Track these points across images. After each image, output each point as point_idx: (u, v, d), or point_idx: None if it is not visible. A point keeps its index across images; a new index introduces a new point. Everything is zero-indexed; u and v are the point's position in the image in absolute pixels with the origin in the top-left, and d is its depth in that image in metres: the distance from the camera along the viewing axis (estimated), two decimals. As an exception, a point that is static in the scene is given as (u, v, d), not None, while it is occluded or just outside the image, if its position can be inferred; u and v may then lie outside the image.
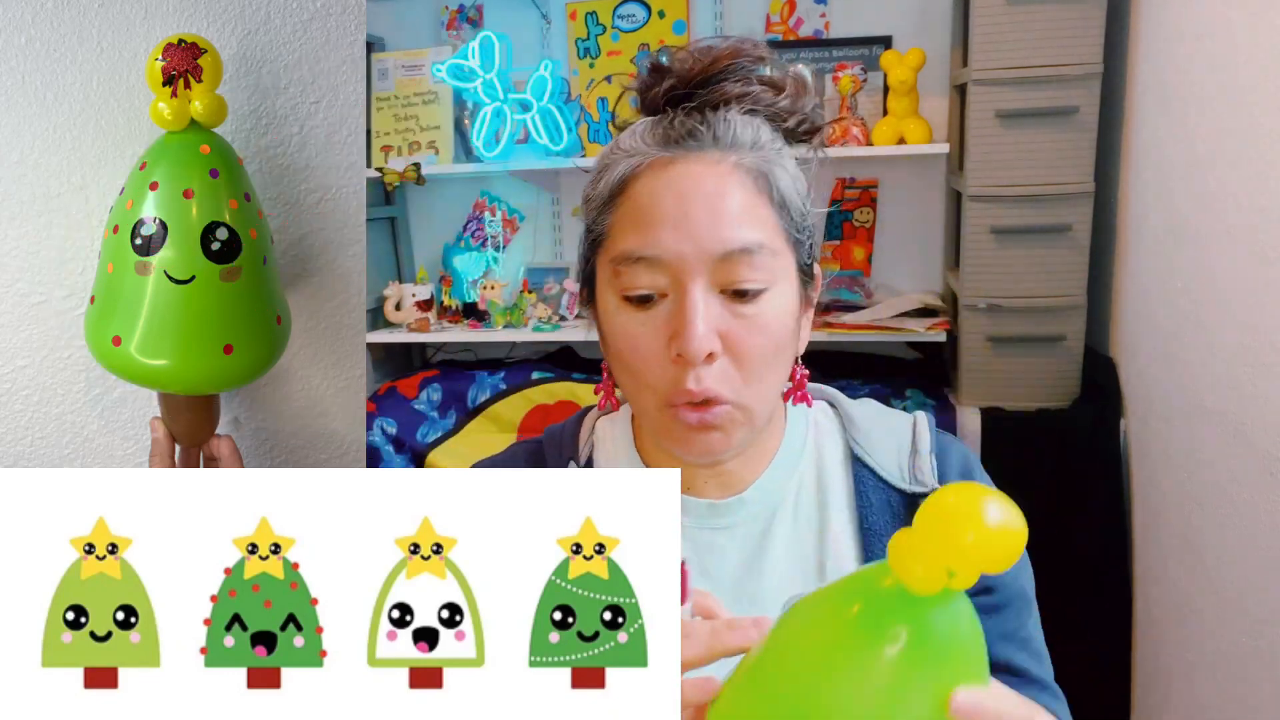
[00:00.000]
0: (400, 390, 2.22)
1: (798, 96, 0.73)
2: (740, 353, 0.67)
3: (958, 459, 0.78)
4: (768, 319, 0.68)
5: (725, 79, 0.71)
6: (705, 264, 0.66)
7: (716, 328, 0.66)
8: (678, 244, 0.66)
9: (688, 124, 0.69)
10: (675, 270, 0.66)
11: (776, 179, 0.69)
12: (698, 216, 0.66)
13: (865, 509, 0.75)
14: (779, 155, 0.71)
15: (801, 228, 0.71)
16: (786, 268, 0.69)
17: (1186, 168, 1.48)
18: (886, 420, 0.80)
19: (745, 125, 0.70)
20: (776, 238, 0.68)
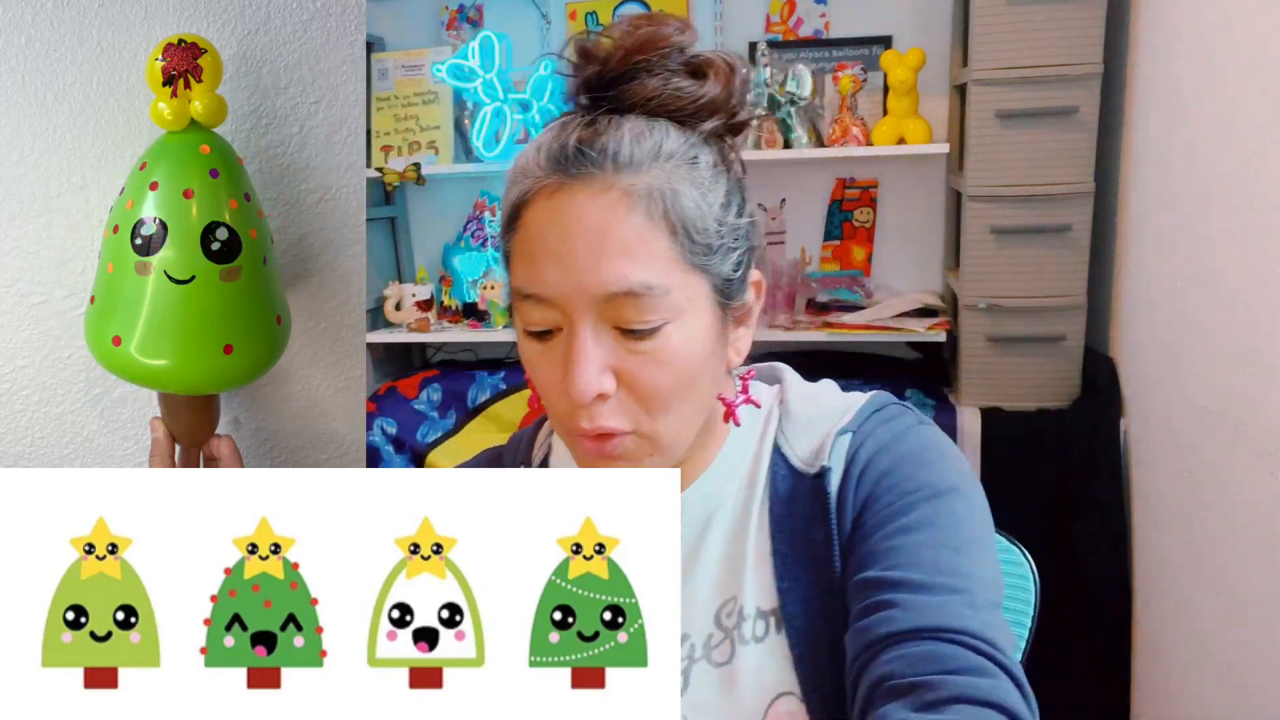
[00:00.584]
0: (400, 390, 2.22)
1: (725, 85, 0.66)
2: (639, 388, 0.63)
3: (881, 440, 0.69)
4: (668, 354, 0.63)
5: (639, 73, 0.65)
6: (591, 304, 0.61)
7: (610, 364, 0.62)
8: (561, 284, 0.61)
9: (579, 142, 0.63)
10: (563, 308, 0.62)
11: (676, 202, 0.62)
12: (580, 255, 0.61)
13: (774, 498, 0.70)
14: (688, 167, 0.64)
15: (714, 248, 0.64)
16: (693, 297, 0.63)
17: (1186, 168, 1.48)
18: (828, 402, 0.74)
19: (643, 138, 0.63)
20: (672, 272, 0.62)
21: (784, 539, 0.69)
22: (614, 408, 0.63)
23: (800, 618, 0.67)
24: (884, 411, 0.72)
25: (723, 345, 0.67)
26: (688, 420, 0.66)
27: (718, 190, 0.65)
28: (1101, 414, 1.79)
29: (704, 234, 0.63)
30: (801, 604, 0.67)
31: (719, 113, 0.66)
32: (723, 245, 0.65)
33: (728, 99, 0.66)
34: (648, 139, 0.63)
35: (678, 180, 0.63)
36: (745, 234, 0.67)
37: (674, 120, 0.65)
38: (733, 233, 0.66)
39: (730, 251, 0.66)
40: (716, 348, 0.66)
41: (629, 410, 0.64)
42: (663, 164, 0.63)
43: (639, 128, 0.63)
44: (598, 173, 0.62)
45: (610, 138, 0.63)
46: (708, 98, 0.65)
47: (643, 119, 0.64)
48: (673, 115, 0.65)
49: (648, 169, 0.62)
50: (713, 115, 0.66)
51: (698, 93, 0.65)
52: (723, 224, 0.65)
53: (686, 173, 0.63)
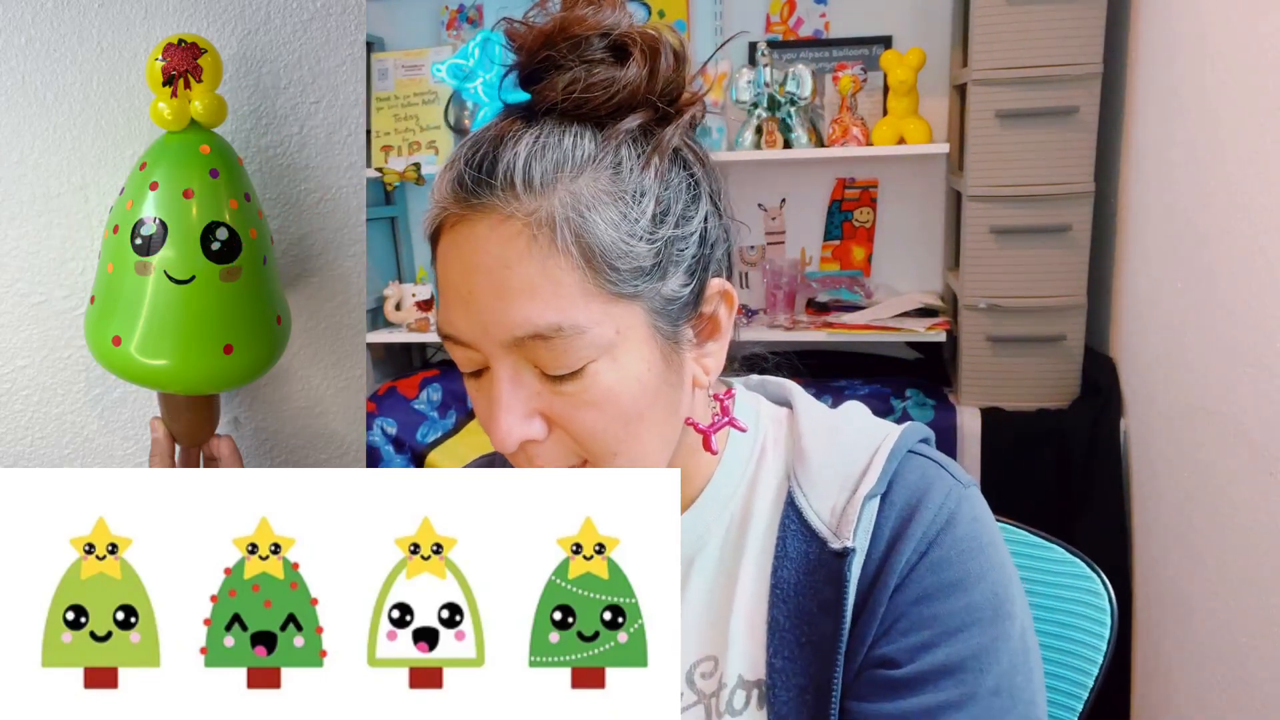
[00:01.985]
0: (400, 390, 2.22)
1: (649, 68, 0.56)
2: (574, 430, 0.57)
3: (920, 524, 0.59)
4: (598, 394, 0.55)
5: (549, 69, 0.56)
6: (502, 347, 0.55)
7: (537, 408, 0.56)
8: (470, 328, 0.56)
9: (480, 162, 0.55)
10: (479, 350, 0.57)
11: (588, 228, 0.54)
12: (481, 297, 0.54)
13: (780, 560, 0.61)
14: (610, 178, 0.55)
15: (646, 269, 0.55)
16: (623, 329, 0.55)
17: (1186, 168, 1.48)
18: (847, 439, 0.64)
19: (547, 152, 0.54)
20: (589, 307, 0.54)
21: (785, 610, 0.61)
22: (552, 449, 0.58)
23: (787, 705, 0.60)
24: (916, 467, 0.63)
25: (677, 371, 0.59)
26: (645, 456, 0.59)
27: (647, 200, 0.55)
28: (1101, 414, 1.79)
29: (629, 257, 0.55)
30: (793, 691, 0.60)
31: (643, 105, 0.56)
32: (660, 262, 0.56)
33: (652, 85, 0.56)
34: (553, 151, 0.54)
35: (592, 198, 0.54)
36: (697, 240, 0.58)
37: (591, 120, 0.56)
38: (675, 244, 0.57)
39: (674, 266, 0.57)
40: (668, 376, 0.58)
41: (569, 450, 0.58)
42: (571, 181, 0.54)
43: (545, 138, 0.55)
44: (497, 201, 0.54)
45: (511, 155, 0.54)
46: (625, 87, 0.55)
47: (553, 124, 0.56)
48: (589, 114, 0.56)
49: (553, 190, 0.54)
50: (635, 109, 0.56)
51: (612, 84, 0.55)
52: (656, 238, 0.56)
53: (606, 185, 0.55)
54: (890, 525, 0.60)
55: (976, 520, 0.61)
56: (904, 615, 0.59)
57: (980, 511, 0.62)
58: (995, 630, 0.58)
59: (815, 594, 0.60)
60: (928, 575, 0.59)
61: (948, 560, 0.59)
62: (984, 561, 0.60)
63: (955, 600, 0.58)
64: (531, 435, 0.57)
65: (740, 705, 0.61)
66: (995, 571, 0.60)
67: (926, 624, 0.58)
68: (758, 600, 0.62)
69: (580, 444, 0.58)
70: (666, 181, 0.57)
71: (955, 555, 0.59)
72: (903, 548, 0.59)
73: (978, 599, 0.59)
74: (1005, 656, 0.58)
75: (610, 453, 0.57)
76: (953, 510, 0.60)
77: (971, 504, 0.62)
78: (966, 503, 0.62)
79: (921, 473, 0.62)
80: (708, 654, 0.63)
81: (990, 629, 0.58)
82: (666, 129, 0.57)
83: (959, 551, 0.59)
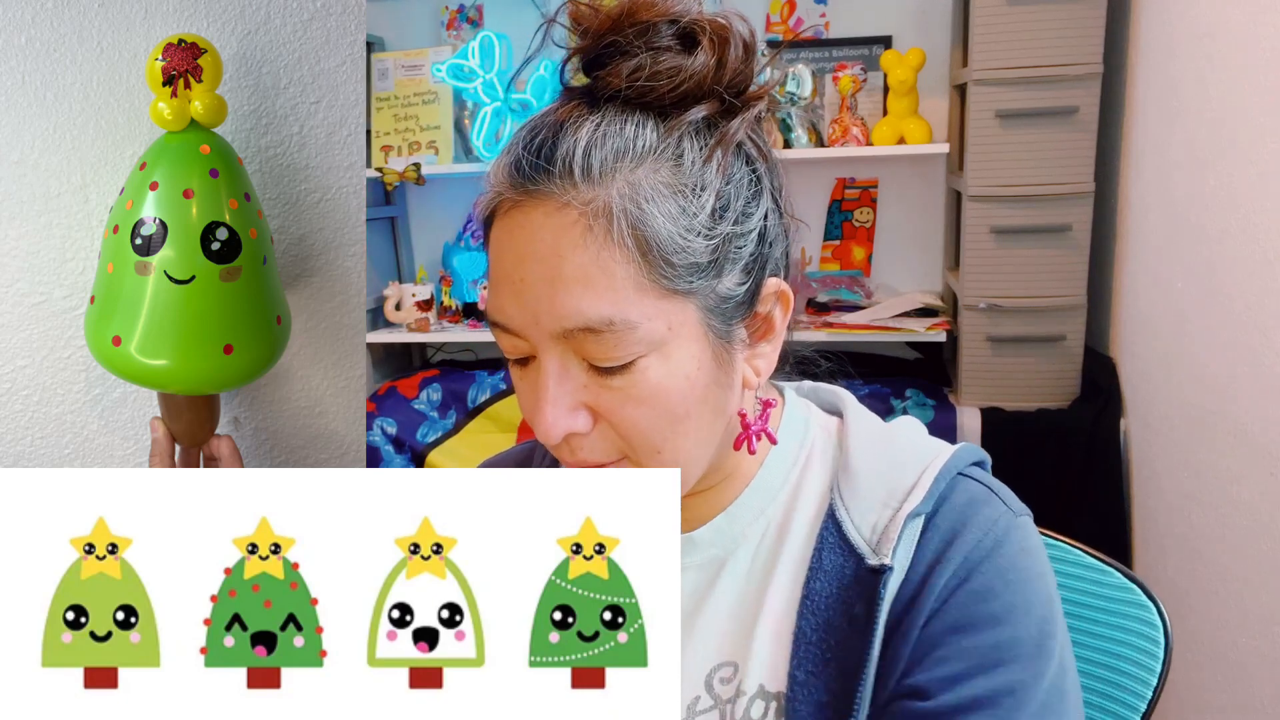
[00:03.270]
0: (400, 390, 2.22)
1: (717, 56, 0.54)
2: (619, 424, 0.56)
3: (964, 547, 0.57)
4: (646, 390, 0.54)
5: (615, 55, 0.54)
6: (551, 338, 0.54)
7: (584, 401, 0.56)
8: (520, 316, 0.55)
9: (539, 147, 0.54)
10: (528, 339, 0.56)
11: (645, 220, 0.52)
12: (533, 285, 0.53)
13: (814, 573, 0.59)
14: (670, 170, 0.54)
15: (702, 266, 0.54)
16: (675, 326, 0.54)
17: (1186, 168, 1.48)
18: (897, 455, 0.62)
19: (607, 140, 0.53)
20: (642, 301, 0.53)
21: (814, 623, 0.59)
22: (595, 442, 0.57)
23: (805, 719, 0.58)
24: (965, 489, 0.60)
25: (728, 371, 0.58)
26: (688, 454, 0.58)
27: (707, 195, 0.54)
28: (1101, 414, 1.79)
29: (686, 253, 0.53)
30: (813, 706, 0.58)
31: (709, 95, 0.55)
32: (717, 259, 0.55)
33: (720, 75, 0.54)
34: (613, 140, 0.53)
35: (651, 190, 0.53)
36: (756, 238, 0.57)
37: (655, 109, 0.55)
38: (734, 241, 0.56)
39: (731, 264, 0.56)
40: (719, 375, 0.57)
41: (613, 444, 0.57)
42: (630, 171, 0.53)
43: (606, 126, 0.54)
44: (554, 188, 0.53)
45: (570, 142, 0.53)
46: (691, 77, 0.54)
47: (615, 112, 0.54)
48: (652, 103, 0.55)
49: (611, 179, 0.53)
50: (701, 99, 0.55)
51: (679, 73, 0.53)
52: (715, 234, 0.54)
53: (667, 177, 0.53)
54: (932, 547, 0.58)
55: (1024, 551, 0.58)
56: (940, 644, 0.56)
57: (1030, 543, 0.59)
58: (1034, 668, 0.55)
59: (846, 609, 0.58)
60: (969, 604, 0.56)
61: (991, 590, 0.57)
62: (1029, 595, 0.57)
63: (995, 634, 0.56)
64: (576, 428, 0.56)
65: (758, 715, 0.59)
66: (1040, 607, 0.57)
67: (963, 656, 0.56)
68: (787, 611, 0.60)
69: (625, 439, 0.56)
70: (729, 176, 0.56)
71: (1000, 586, 0.57)
72: (942, 570, 0.57)
73: (1020, 634, 0.56)
74: (1040, 695, 0.55)
75: (654, 449, 0.56)
76: (999, 538, 0.58)
77: (1022, 533, 0.59)
78: (1017, 531, 0.59)
79: (970, 496, 0.60)
80: (728, 659, 0.61)
81: (1029, 666, 0.55)
82: (732, 122, 0.55)
83: (1004, 583, 0.57)
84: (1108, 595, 0.76)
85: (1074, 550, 0.78)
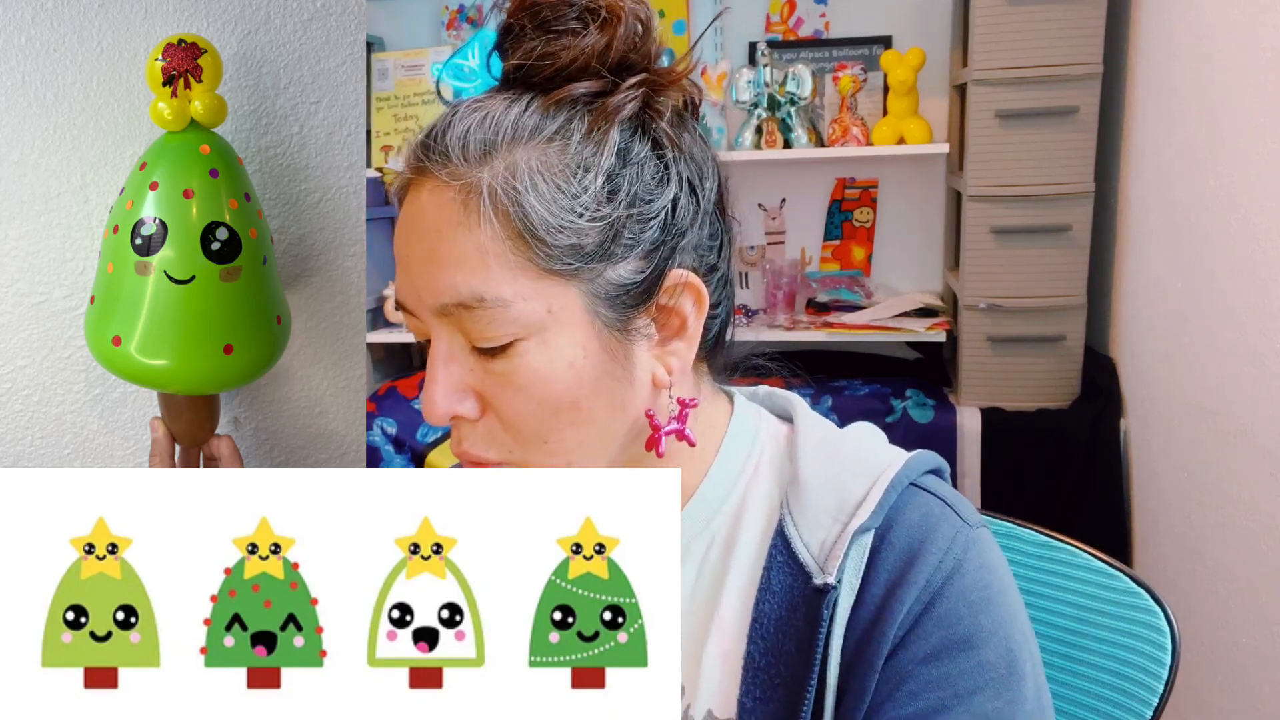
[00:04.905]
0: (400, 390, 2.22)
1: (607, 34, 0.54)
2: (502, 414, 0.55)
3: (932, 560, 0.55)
4: (526, 376, 0.54)
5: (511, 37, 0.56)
6: (434, 316, 0.55)
7: (471, 385, 0.56)
8: (408, 293, 0.56)
9: (433, 131, 0.55)
10: (420, 318, 0.56)
11: (521, 199, 0.52)
12: (418, 263, 0.55)
13: (763, 593, 0.57)
14: (556, 151, 0.54)
15: (587, 249, 0.53)
16: (556, 310, 0.53)
17: (1186, 168, 1.48)
18: (847, 465, 0.59)
19: (489, 121, 0.54)
20: (517, 281, 0.53)
21: (763, 648, 0.57)
22: (481, 433, 0.56)
23: None
24: (919, 504, 0.58)
25: (624, 365, 0.56)
26: (583, 450, 0.57)
27: (592, 176, 0.53)
28: (1101, 414, 1.79)
29: (565, 233, 0.53)
30: None
31: (592, 74, 0.54)
32: (605, 243, 0.54)
33: (606, 55, 0.54)
34: (494, 121, 0.54)
35: (529, 170, 0.53)
36: (660, 227, 0.55)
37: (544, 90, 0.55)
38: (628, 226, 0.54)
39: (626, 250, 0.54)
40: (612, 368, 0.55)
41: (498, 438, 0.56)
42: (509, 152, 0.53)
43: (494, 107, 0.54)
44: (438, 168, 0.54)
45: (460, 125, 0.54)
46: (577, 57, 0.54)
47: (509, 94, 0.55)
48: (540, 84, 0.55)
49: (490, 159, 0.53)
50: (585, 76, 0.54)
51: (565, 51, 0.54)
52: (600, 217, 0.53)
53: (552, 157, 0.53)
54: (889, 568, 0.56)
55: (985, 568, 0.56)
56: (911, 675, 0.54)
57: (989, 558, 0.57)
58: (1010, 692, 0.54)
59: (795, 632, 0.56)
60: (935, 631, 0.54)
61: (956, 615, 0.55)
62: (996, 615, 0.55)
63: (966, 659, 0.54)
64: (462, 412, 0.56)
65: None
66: (1008, 625, 0.55)
67: (937, 685, 0.54)
68: (737, 633, 0.58)
69: (510, 429, 0.56)
70: (626, 159, 0.55)
71: (964, 609, 0.55)
72: (904, 595, 0.55)
73: (990, 657, 0.54)
74: (1021, 718, 0.54)
75: (540, 440, 0.56)
76: (959, 557, 0.56)
77: (980, 549, 0.57)
78: (975, 548, 0.57)
79: (925, 512, 0.57)
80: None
81: (1005, 690, 0.54)
82: (612, 98, 0.54)
83: (968, 604, 0.55)
84: (1114, 599, 0.76)
85: (1080, 553, 0.78)
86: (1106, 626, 0.75)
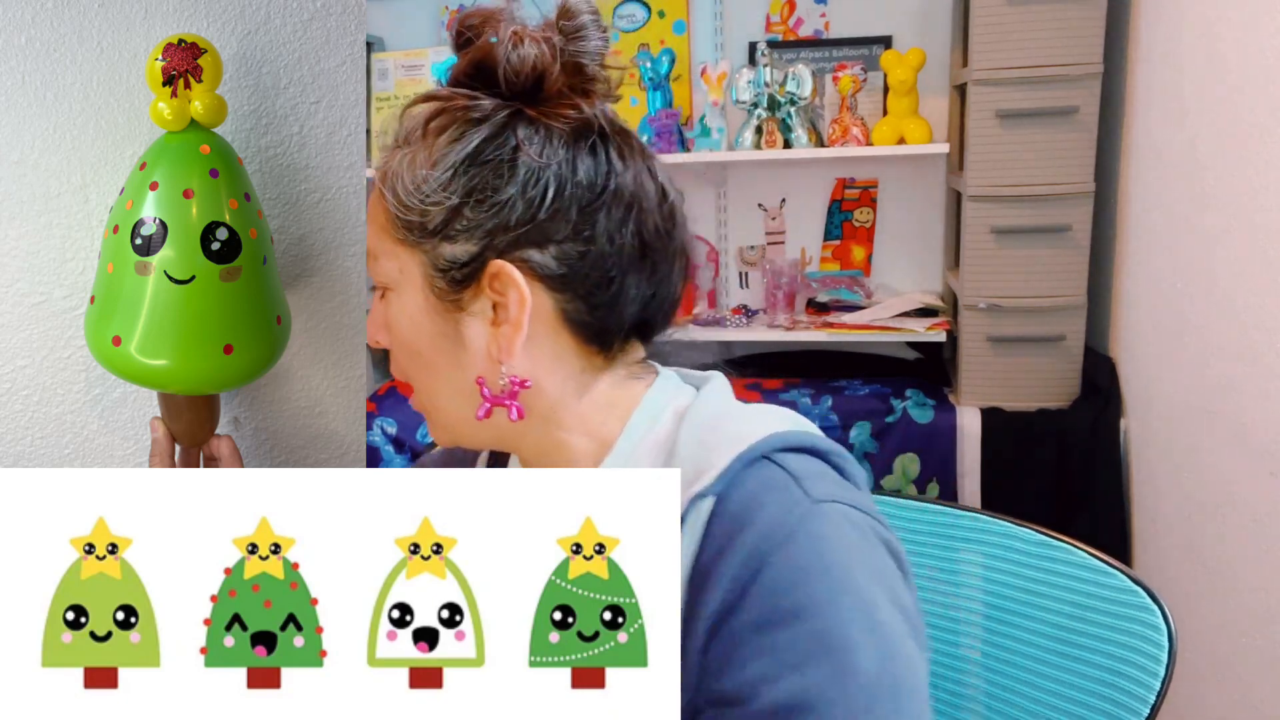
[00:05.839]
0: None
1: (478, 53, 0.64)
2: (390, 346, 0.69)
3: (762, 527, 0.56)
4: (390, 318, 0.67)
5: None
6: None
7: (383, 320, 0.68)
8: None
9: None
10: None
11: (394, 178, 0.64)
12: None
13: None
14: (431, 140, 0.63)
15: (427, 226, 0.62)
16: (404, 271, 0.64)
17: (1186, 168, 1.48)
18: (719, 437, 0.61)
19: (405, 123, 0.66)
20: (384, 240, 0.65)
21: None
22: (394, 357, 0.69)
23: None
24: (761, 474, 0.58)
25: (452, 331, 0.64)
26: (441, 399, 0.67)
27: (440, 169, 0.62)
28: (1101, 414, 1.79)
29: (411, 211, 0.63)
30: None
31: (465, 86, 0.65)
32: (444, 225, 0.62)
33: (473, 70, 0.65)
34: (411, 119, 0.65)
35: (405, 159, 0.64)
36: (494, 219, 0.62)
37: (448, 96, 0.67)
38: (464, 213, 0.62)
39: (463, 234, 0.62)
40: (444, 329, 0.64)
41: (397, 364, 0.69)
42: (407, 144, 0.65)
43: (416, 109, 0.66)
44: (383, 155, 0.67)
45: (403, 119, 0.67)
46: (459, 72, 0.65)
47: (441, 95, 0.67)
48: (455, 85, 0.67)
49: (403, 145, 0.65)
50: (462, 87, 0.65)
51: (455, 67, 0.66)
52: (436, 202, 0.62)
53: (423, 151, 0.64)
54: (718, 533, 0.56)
55: (822, 538, 0.55)
56: (744, 642, 0.54)
57: (828, 529, 0.56)
58: (840, 663, 0.52)
59: None
60: (764, 599, 0.54)
61: (786, 583, 0.54)
62: (829, 586, 0.54)
63: (795, 629, 0.53)
64: (380, 340, 0.68)
65: None
66: (844, 596, 0.54)
67: (766, 652, 0.53)
68: None
69: (394, 359, 0.68)
70: (476, 159, 0.62)
71: (798, 577, 0.54)
72: (729, 559, 0.55)
73: (819, 627, 0.53)
74: (857, 694, 0.52)
75: (406, 374, 0.68)
76: (793, 527, 0.55)
77: (820, 522, 0.56)
78: (815, 520, 0.56)
79: (764, 482, 0.58)
80: None
81: (833, 660, 0.52)
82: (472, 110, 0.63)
83: (802, 574, 0.54)
84: (1111, 598, 0.76)
85: (1077, 552, 0.78)
86: (1103, 624, 0.75)
